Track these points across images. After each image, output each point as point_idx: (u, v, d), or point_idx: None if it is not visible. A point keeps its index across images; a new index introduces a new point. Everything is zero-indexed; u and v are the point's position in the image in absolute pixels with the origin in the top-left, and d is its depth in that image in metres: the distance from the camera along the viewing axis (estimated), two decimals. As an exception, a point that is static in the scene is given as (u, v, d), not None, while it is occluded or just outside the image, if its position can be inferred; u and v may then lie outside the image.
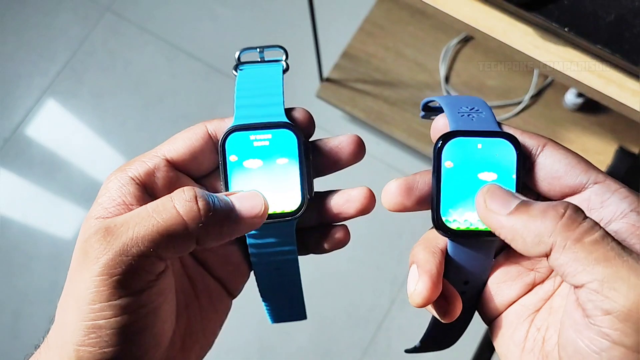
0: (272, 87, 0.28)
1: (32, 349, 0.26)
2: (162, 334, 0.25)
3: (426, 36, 1.16)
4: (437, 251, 0.27)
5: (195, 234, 0.24)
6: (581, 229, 0.22)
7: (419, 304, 0.25)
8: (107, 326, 0.22)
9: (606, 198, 0.24)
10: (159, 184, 0.26)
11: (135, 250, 0.23)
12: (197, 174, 0.28)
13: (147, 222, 0.23)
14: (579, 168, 0.25)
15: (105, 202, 0.25)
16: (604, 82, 0.58)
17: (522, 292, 0.27)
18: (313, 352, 1.14)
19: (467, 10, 0.61)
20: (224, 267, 0.29)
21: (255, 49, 0.30)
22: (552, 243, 0.22)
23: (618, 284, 0.21)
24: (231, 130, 0.27)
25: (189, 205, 0.24)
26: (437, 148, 0.26)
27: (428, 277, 0.25)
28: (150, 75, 1.33)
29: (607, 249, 0.21)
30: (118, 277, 0.22)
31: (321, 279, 1.16)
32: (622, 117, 0.63)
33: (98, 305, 0.22)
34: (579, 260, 0.21)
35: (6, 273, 1.21)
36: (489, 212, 0.24)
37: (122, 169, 0.26)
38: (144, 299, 0.23)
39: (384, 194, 0.27)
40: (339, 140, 0.29)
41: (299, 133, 0.27)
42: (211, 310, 0.29)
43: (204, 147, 0.28)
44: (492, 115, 0.27)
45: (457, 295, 0.27)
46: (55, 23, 1.37)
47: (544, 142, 0.26)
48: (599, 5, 0.58)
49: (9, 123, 1.31)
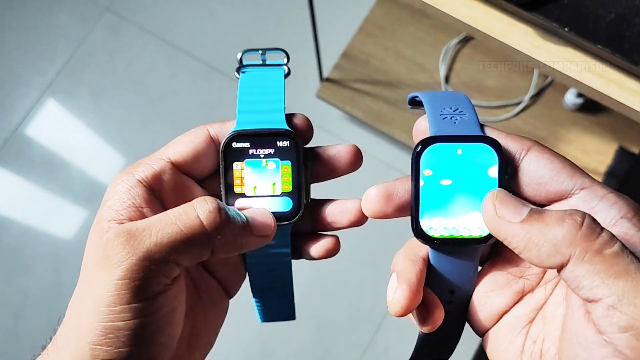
0: (273, 93, 0.29)
1: (32, 348, 0.26)
2: (174, 334, 0.25)
3: (426, 36, 1.16)
4: (417, 259, 0.26)
5: (213, 244, 0.24)
6: (601, 240, 0.21)
7: (397, 313, 0.25)
8: (124, 327, 0.23)
9: (594, 205, 0.23)
10: (165, 187, 0.27)
11: (158, 257, 0.23)
12: (199, 176, 0.29)
13: (169, 229, 0.23)
14: (564, 173, 0.24)
15: (115, 205, 0.25)
16: (604, 82, 0.58)
17: (511, 300, 0.26)
18: (312, 352, 1.14)
19: (467, 10, 0.61)
20: (224, 267, 0.30)
21: (257, 51, 0.30)
22: (570, 254, 0.21)
23: (638, 300, 0.20)
24: (232, 135, 0.27)
25: (212, 216, 0.24)
26: (415, 154, 0.25)
27: (407, 286, 0.25)
28: (150, 75, 1.33)
29: (626, 262, 0.20)
30: (139, 281, 0.23)
31: (321, 280, 1.16)
32: (622, 117, 0.63)
33: (118, 308, 0.23)
34: (597, 274, 0.20)
35: (6, 273, 1.21)
36: (500, 220, 0.23)
37: (129, 171, 0.26)
38: (160, 302, 0.24)
39: (363, 201, 0.27)
40: (337, 150, 0.29)
41: (298, 140, 0.28)
42: (213, 310, 0.29)
43: (207, 150, 0.28)
44: (475, 116, 0.26)
45: (439, 304, 0.26)
46: (54, 23, 1.37)
47: (529, 145, 0.25)
48: (599, 5, 0.58)
49: (9, 123, 1.31)
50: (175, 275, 0.24)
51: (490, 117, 1.11)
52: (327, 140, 0.30)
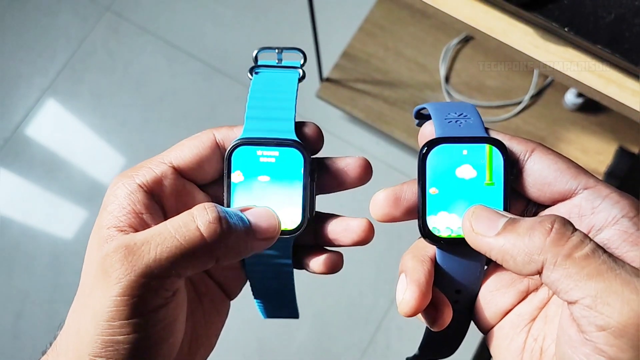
0: (285, 100, 0.28)
1: (32, 349, 0.26)
2: (176, 343, 0.25)
3: (426, 36, 1.16)
4: (426, 259, 0.26)
5: (216, 255, 0.24)
6: (570, 243, 0.21)
7: (407, 314, 0.25)
8: (124, 341, 0.22)
9: (597, 204, 0.24)
10: (166, 192, 0.26)
11: (158, 272, 0.23)
12: (202, 181, 0.28)
13: (169, 243, 0.23)
14: (568, 173, 0.24)
15: (115, 211, 0.25)
16: (604, 82, 0.58)
17: (516, 300, 0.27)
18: (312, 352, 1.14)
19: (467, 10, 0.61)
20: (225, 271, 0.29)
21: (274, 50, 0.29)
22: (543, 261, 0.21)
23: (611, 299, 0.20)
24: (239, 143, 0.27)
25: (212, 227, 0.23)
26: (421, 155, 0.26)
27: (416, 286, 0.25)
28: (150, 75, 1.33)
29: (598, 263, 0.21)
30: (139, 298, 0.22)
31: (321, 279, 1.16)
32: (622, 117, 0.63)
33: (117, 323, 0.22)
34: (570, 277, 0.21)
35: (6, 273, 1.21)
36: (476, 235, 0.24)
37: (129, 175, 0.26)
38: (161, 314, 0.23)
39: (372, 206, 0.27)
40: (345, 163, 0.28)
41: (306, 153, 0.27)
42: (213, 313, 0.29)
43: (211, 156, 0.27)
44: (480, 121, 0.26)
45: (447, 303, 0.27)
46: (55, 23, 1.37)
47: (533, 147, 0.25)
48: (599, 5, 0.58)
49: (9, 123, 1.31)
50: (178, 287, 0.24)
51: (490, 117, 1.11)
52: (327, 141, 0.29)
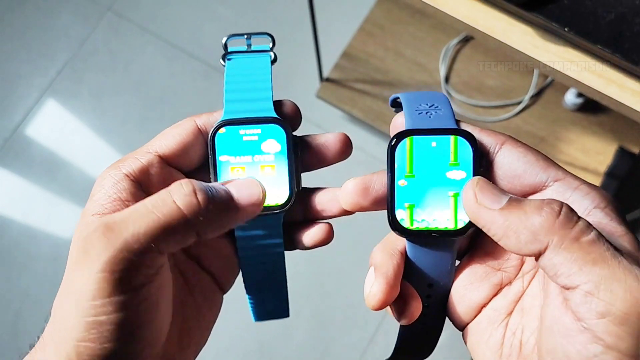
0: (260, 81, 0.29)
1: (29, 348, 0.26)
2: (161, 328, 0.25)
3: (426, 36, 1.16)
4: (395, 253, 0.26)
5: (196, 227, 0.24)
6: (577, 228, 0.21)
7: (374, 307, 0.25)
8: (108, 322, 0.22)
9: (568, 196, 0.24)
10: (153, 180, 0.27)
11: (137, 247, 0.22)
12: (187, 168, 0.28)
13: (147, 218, 0.23)
14: (538, 166, 0.25)
15: (100, 199, 0.25)
16: (604, 82, 0.58)
17: (490, 293, 0.26)
18: (312, 352, 1.14)
19: (467, 10, 0.61)
20: (216, 260, 0.29)
21: (243, 36, 0.30)
22: (548, 242, 0.21)
23: (615, 286, 0.20)
24: (221, 124, 0.27)
25: (188, 199, 0.24)
26: (390, 146, 0.26)
27: (383, 279, 0.25)
28: (151, 75, 1.33)
29: (603, 249, 0.21)
30: (119, 273, 0.22)
31: (320, 279, 1.16)
32: (622, 117, 0.63)
33: (99, 302, 0.22)
34: (574, 261, 0.21)
35: (6, 273, 1.21)
36: (480, 206, 0.23)
37: (116, 166, 0.26)
38: (144, 293, 0.23)
39: (341, 193, 0.27)
40: (325, 138, 0.29)
41: (287, 128, 0.28)
42: (205, 305, 0.29)
43: (194, 142, 0.28)
44: (451, 112, 0.27)
45: (416, 296, 0.27)
46: (55, 23, 1.37)
47: (503, 139, 0.25)
48: (599, 5, 0.58)
49: (9, 123, 1.31)
50: (160, 264, 0.24)
51: (490, 117, 1.11)
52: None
